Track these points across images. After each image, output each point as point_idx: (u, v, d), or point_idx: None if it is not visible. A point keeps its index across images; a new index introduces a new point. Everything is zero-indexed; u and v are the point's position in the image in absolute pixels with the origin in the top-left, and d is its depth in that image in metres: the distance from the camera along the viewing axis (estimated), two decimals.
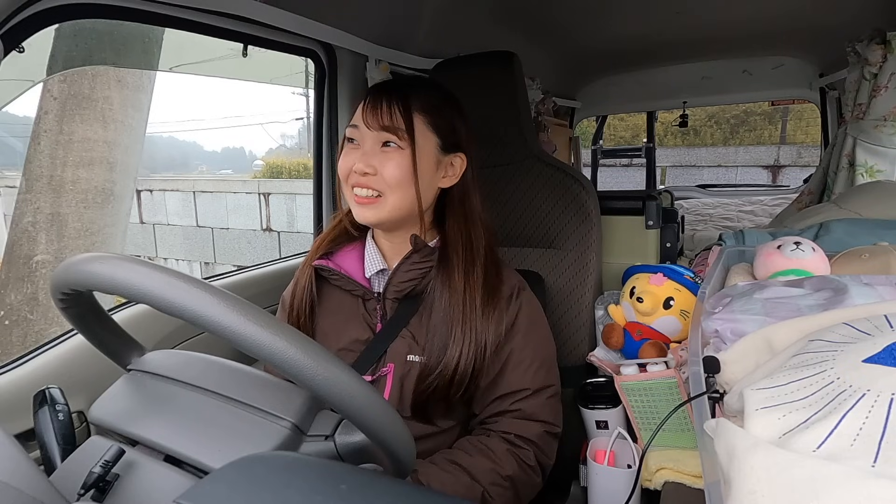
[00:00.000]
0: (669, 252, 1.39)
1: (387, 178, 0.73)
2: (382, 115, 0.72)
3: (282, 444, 0.47)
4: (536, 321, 0.83)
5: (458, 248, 0.78)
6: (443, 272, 0.77)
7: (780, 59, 2.43)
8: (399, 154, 0.73)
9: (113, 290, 0.42)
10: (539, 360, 0.80)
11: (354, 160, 0.73)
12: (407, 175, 0.73)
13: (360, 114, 0.75)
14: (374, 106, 0.73)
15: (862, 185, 1.47)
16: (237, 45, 1.13)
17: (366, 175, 0.73)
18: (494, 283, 0.79)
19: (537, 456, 0.77)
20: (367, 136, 0.74)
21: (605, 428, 1.06)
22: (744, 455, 0.32)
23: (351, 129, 0.76)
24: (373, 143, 0.74)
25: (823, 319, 0.48)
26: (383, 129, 0.73)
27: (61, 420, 0.54)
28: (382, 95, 0.74)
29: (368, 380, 0.76)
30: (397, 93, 0.74)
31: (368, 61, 1.37)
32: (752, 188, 4.20)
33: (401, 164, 0.73)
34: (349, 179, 0.75)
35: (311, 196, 1.47)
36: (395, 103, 0.73)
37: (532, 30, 1.90)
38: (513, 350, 0.78)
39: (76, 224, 2.45)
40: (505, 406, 0.77)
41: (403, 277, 0.78)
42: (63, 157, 2.38)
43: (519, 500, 0.75)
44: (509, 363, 0.77)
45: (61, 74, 2.29)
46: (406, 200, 0.75)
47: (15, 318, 2.40)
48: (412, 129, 0.73)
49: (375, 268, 0.82)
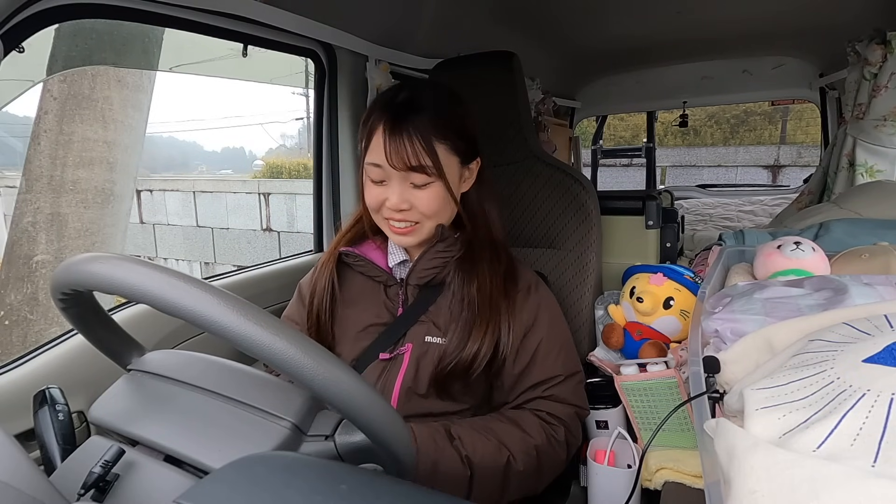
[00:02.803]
0: (669, 252, 1.39)
1: (423, 210, 0.75)
2: (408, 157, 0.71)
3: (282, 444, 0.47)
4: (557, 312, 0.86)
5: (480, 239, 0.81)
6: (465, 261, 0.80)
7: (780, 59, 2.43)
8: (431, 188, 0.74)
9: (113, 290, 0.42)
10: (566, 349, 0.83)
11: (384, 195, 0.75)
12: (442, 203, 0.76)
13: (381, 151, 0.72)
14: (396, 145, 0.71)
15: (862, 185, 1.47)
16: (237, 45, 1.13)
17: (401, 211, 0.75)
18: (512, 273, 0.82)
19: (566, 434, 0.79)
20: (393, 175, 0.73)
21: (605, 428, 1.06)
22: (744, 455, 0.32)
23: (373, 167, 0.74)
24: (400, 181, 0.74)
25: (823, 319, 0.48)
26: (411, 169, 0.72)
27: (61, 420, 0.54)
28: (402, 132, 0.71)
29: (386, 357, 0.79)
30: (415, 125, 0.71)
31: (368, 61, 1.37)
32: (752, 188, 4.20)
33: (435, 196, 0.75)
34: (382, 211, 0.77)
35: (311, 196, 1.48)
36: (416, 139, 0.71)
37: (532, 30, 1.90)
38: (541, 341, 0.80)
39: (76, 224, 2.45)
40: (537, 393, 0.79)
41: (427, 265, 0.80)
42: (63, 157, 2.38)
43: (541, 473, 0.76)
44: (538, 354, 0.79)
45: (61, 74, 2.29)
46: (442, 220, 0.79)
47: (15, 318, 2.40)
48: (439, 163, 0.73)
49: (398, 258, 0.84)
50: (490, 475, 0.69)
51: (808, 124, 9.84)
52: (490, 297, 0.77)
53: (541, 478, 0.77)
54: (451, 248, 0.80)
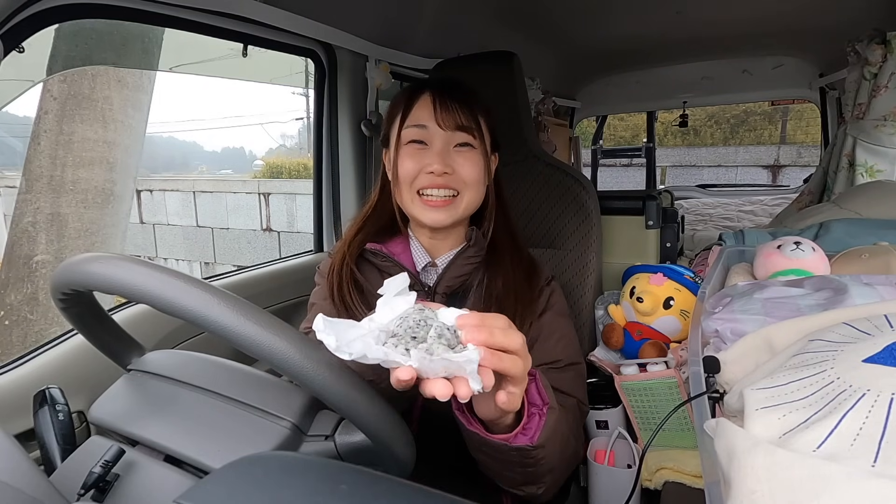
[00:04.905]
0: (669, 252, 1.39)
1: (464, 176, 0.73)
2: (460, 115, 0.72)
3: (282, 444, 0.47)
4: (565, 306, 0.84)
5: (505, 240, 0.80)
6: (490, 258, 0.78)
7: (780, 59, 2.43)
8: (473, 153, 0.74)
9: (113, 290, 0.42)
10: (567, 337, 0.80)
11: (425, 160, 0.72)
12: (482, 174, 0.75)
13: (427, 112, 0.73)
14: (446, 105, 0.73)
15: (862, 185, 1.46)
16: (237, 45, 1.13)
17: (444, 175, 0.72)
18: (533, 264, 0.81)
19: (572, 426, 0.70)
20: (437, 136, 0.73)
21: (605, 428, 1.06)
22: (744, 455, 0.32)
23: (416, 129, 0.74)
24: (445, 144, 0.73)
25: (823, 319, 0.47)
26: (459, 128, 0.73)
27: (61, 420, 0.54)
28: (452, 94, 0.74)
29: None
30: (463, 91, 0.75)
31: (368, 61, 1.37)
32: (752, 188, 4.21)
33: (477, 164, 0.74)
34: (417, 182, 0.74)
35: (311, 196, 1.48)
36: (464, 103, 0.73)
37: (532, 30, 1.89)
38: (544, 325, 0.78)
39: (76, 224, 2.45)
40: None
41: (458, 272, 0.77)
42: (63, 157, 2.38)
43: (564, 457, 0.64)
44: (540, 337, 0.77)
45: (61, 74, 2.29)
46: (477, 199, 0.76)
47: (15, 318, 2.40)
48: (481, 129, 0.75)
49: (422, 261, 0.80)
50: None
51: (808, 124, 9.84)
52: (515, 290, 0.75)
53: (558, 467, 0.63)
54: (480, 252, 0.78)
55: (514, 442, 0.52)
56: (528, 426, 0.53)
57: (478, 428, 0.52)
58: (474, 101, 0.76)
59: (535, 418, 0.53)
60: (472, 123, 0.74)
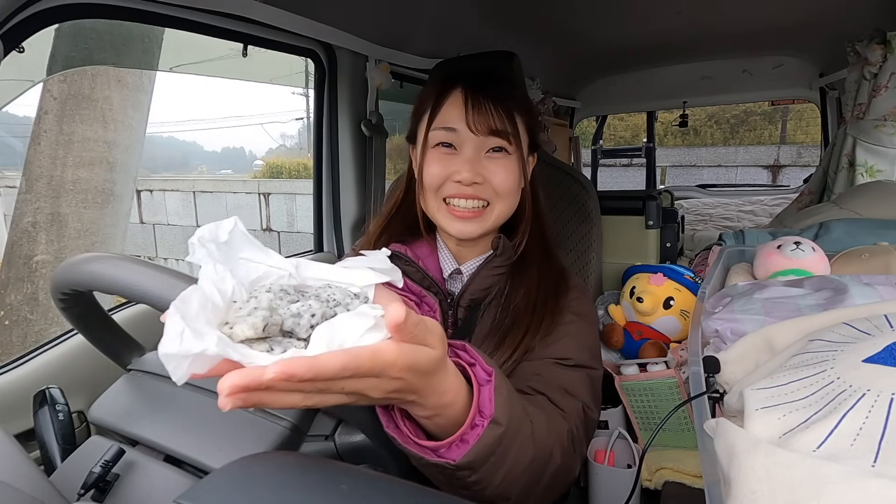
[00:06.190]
0: (669, 252, 1.40)
1: (496, 186, 0.66)
2: (493, 118, 0.65)
3: (281, 444, 0.47)
4: (588, 311, 0.74)
5: (536, 250, 0.73)
6: (517, 267, 0.71)
7: (780, 59, 2.43)
8: (507, 160, 0.67)
9: (113, 290, 0.42)
10: (582, 341, 0.69)
11: (453, 167, 0.66)
12: (516, 183, 0.68)
13: (458, 114, 0.66)
14: (479, 106, 0.65)
15: (862, 185, 1.47)
16: (237, 45, 1.13)
17: (473, 185, 0.66)
18: (563, 274, 0.74)
19: (571, 432, 0.59)
20: (468, 140, 0.66)
21: (605, 428, 1.06)
22: (744, 455, 0.32)
23: (444, 132, 0.67)
24: (476, 149, 0.66)
25: (823, 319, 0.48)
26: (492, 133, 0.65)
27: (61, 420, 0.54)
28: (486, 94, 0.65)
29: None
30: (498, 90, 0.66)
31: (368, 61, 1.37)
32: (752, 188, 4.20)
33: (512, 171, 0.67)
34: (444, 189, 0.67)
35: (311, 196, 1.48)
36: (499, 103, 0.66)
37: (532, 30, 1.89)
38: (559, 324, 0.69)
39: (76, 224, 2.45)
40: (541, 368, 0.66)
41: (483, 284, 0.70)
42: (63, 157, 2.38)
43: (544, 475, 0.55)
44: (553, 332, 0.68)
45: (61, 74, 2.29)
46: (509, 209, 0.69)
47: (15, 318, 2.40)
48: (518, 133, 0.67)
49: (450, 267, 0.73)
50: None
51: (808, 124, 9.85)
52: (535, 303, 0.68)
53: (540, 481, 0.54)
54: (507, 262, 0.71)
55: (433, 456, 0.42)
56: (468, 437, 0.42)
57: (400, 430, 0.43)
58: (512, 99, 0.67)
59: (477, 429, 0.42)
60: (508, 127, 0.66)
